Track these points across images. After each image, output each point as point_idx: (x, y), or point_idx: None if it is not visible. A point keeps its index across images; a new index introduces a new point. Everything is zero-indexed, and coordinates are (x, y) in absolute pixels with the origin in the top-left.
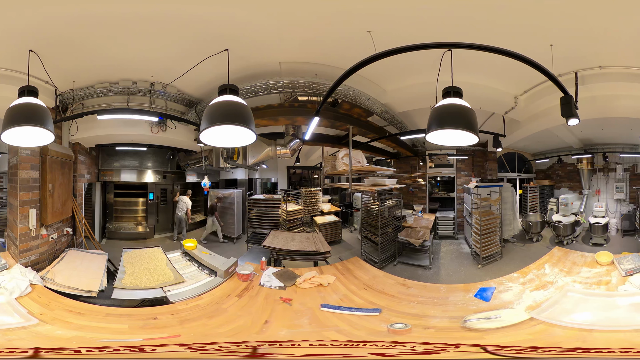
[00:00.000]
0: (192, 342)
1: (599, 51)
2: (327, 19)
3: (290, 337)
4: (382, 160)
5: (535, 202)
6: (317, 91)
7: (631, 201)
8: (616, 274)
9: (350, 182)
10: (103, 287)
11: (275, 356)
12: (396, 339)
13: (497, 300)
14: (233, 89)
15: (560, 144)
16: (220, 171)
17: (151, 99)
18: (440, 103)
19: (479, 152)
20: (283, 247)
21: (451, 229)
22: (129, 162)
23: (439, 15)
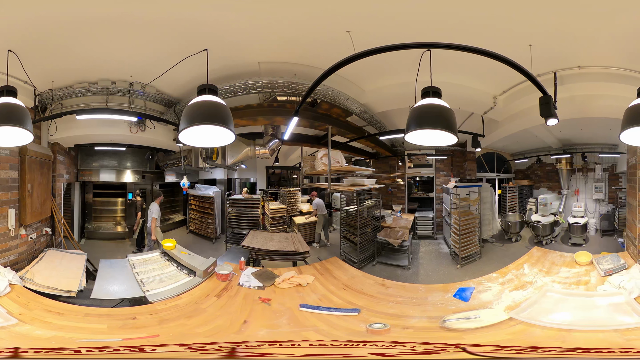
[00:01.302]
0: (172, 342)
1: (578, 51)
2: (306, 19)
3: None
4: (361, 160)
5: (514, 202)
6: (296, 91)
7: (610, 201)
8: (595, 274)
9: (330, 182)
10: (82, 287)
11: (275, 356)
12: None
13: (476, 300)
14: (212, 89)
15: (539, 144)
16: (199, 171)
17: (130, 99)
18: (419, 103)
19: (458, 152)
20: (262, 247)
21: (430, 229)
22: (107, 162)
23: (418, 16)
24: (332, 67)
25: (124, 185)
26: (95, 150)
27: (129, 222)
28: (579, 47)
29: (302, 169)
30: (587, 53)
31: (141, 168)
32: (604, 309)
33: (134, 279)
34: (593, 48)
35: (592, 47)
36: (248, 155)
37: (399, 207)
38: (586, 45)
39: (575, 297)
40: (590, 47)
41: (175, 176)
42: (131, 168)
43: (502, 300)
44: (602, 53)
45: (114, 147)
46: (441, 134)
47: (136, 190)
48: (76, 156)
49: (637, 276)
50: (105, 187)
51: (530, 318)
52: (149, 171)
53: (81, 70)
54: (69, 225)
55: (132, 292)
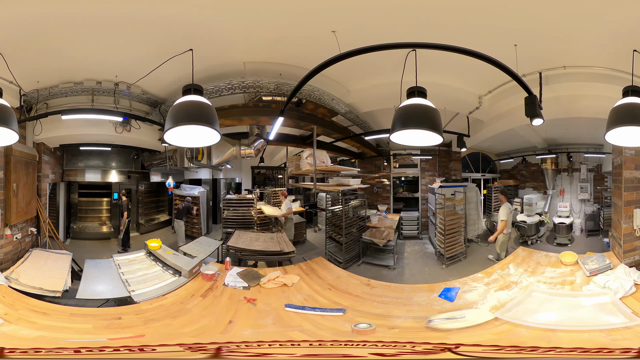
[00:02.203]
0: (156, 342)
1: (563, 51)
2: (292, 19)
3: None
4: (347, 160)
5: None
6: (282, 91)
7: (595, 201)
8: (580, 274)
9: (315, 182)
10: (67, 287)
11: (275, 356)
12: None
13: (461, 300)
14: (197, 89)
15: (524, 144)
16: (184, 171)
17: (115, 99)
18: (404, 103)
19: (444, 152)
20: (247, 247)
21: (415, 229)
22: (93, 162)
23: (403, 16)
24: (317, 67)
25: (109, 185)
26: (80, 150)
27: (114, 222)
28: (564, 47)
29: (287, 169)
30: (573, 53)
31: (126, 168)
32: (589, 308)
33: (119, 279)
34: (578, 48)
35: (578, 47)
36: (233, 155)
37: (384, 207)
38: (571, 46)
39: (560, 297)
40: (576, 47)
41: (161, 176)
42: (116, 168)
43: (488, 300)
44: (587, 53)
45: (99, 147)
46: (426, 134)
47: (122, 190)
48: (61, 156)
49: (623, 276)
50: (91, 187)
51: (516, 318)
52: (134, 171)
53: (66, 70)
54: (54, 225)
55: (118, 292)
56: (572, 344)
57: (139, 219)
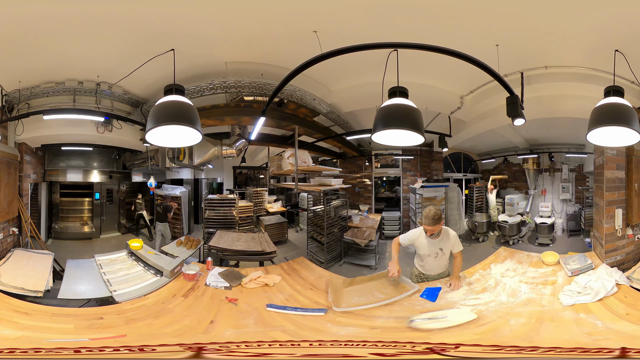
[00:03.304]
0: (137, 342)
1: (545, 51)
2: (273, 19)
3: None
4: (328, 160)
5: (481, 202)
6: (263, 91)
7: (577, 201)
8: (562, 274)
9: (296, 182)
10: (49, 287)
11: (275, 356)
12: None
13: (443, 300)
14: (179, 89)
15: (506, 144)
16: (166, 171)
17: (97, 99)
18: (386, 103)
19: (425, 152)
20: (229, 247)
21: (397, 229)
22: (74, 162)
23: (385, 15)
24: (299, 67)
25: (91, 185)
26: (62, 150)
27: (95, 223)
28: (546, 47)
29: (269, 169)
30: (554, 53)
31: (108, 168)
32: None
33: (100, 279)
34: (560, 48)
35: (559, 47)
36: (215, 155)
37: (365, 207)
38: (553, 46)
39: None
40: (557, 47)
41: (142, 176)
42: (98, 168)
43: (470, 300)
44: (569, 53)
45: (81, 147)
46: (408, 134)
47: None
48: (43, 156)
49: (604, 276)
50: (72, 187)
51: (498, 318)
52: (116, 171)
53: (48, 70)
54: (36, 225)
55: (99, 292)
56: (554, 344)
57: (121, 219)
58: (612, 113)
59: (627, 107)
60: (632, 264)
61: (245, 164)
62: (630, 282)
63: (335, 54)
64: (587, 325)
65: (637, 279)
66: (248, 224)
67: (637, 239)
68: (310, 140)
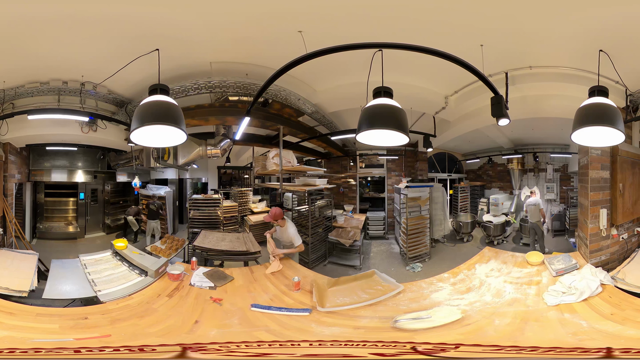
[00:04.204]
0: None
1: (529, 51)
2: (258, 19)
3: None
4: (313, 160)
5: (465, 202)
6: (248, 91)
7: (561, 201)
8: (547, 274)
9: (281, 182)
10: (34, 287)
11: (275, 356)
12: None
13: (427, 300)
14: (163, 89)
15: (490, 144)
16: (150, 171)
17: (82, 98)
18: (370, 103)
19: (410, 152)
20: (213, 247)
21: (382, 229)
22: (59, 162)
23: (370, 15)
24: (283, 67)
25: (76, 185)
26: (46, 150)
27: (80, 223)
28: (530, 47)
29: (253, 169)
30: (539, 53)
31: (93, 168)
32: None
33: (85, 279)
34: (544, 48)
35: (544, 47)
36: (199, 155)
37: (350, 207)
38: (537, 46)
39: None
40: (542, 47)
41: (127, 176)
42: (83, 168)
43: (454, 300)
44: (553, 53)
45: (65, 147)
46: (393, 134)
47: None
48: (28, 156)
49: (589, 276)
50: (57, 187)
51: (483, 318)
52: (101, 171)
53: (32, 70)
54: (20, 225)
55: (84, 292)
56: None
57: (105, 219)
58: (596, 113)
59: (611, 107)
60: (616, 264)
61: (229, 164)
62: (614, 282)
63: (320, 54)
64: (571, 325)
65: (621, 279)
66: (233, 224)
67: (621, 239)
68: (295, 140)
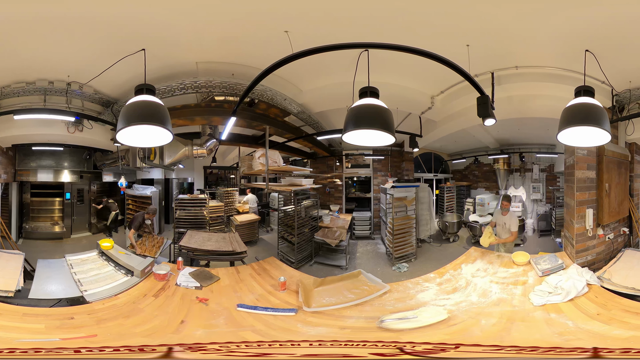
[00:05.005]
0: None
1: (515, 51)
2: (244, 18)
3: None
4: (299, 160)
5: (451, 202)
6: (234, 91)
7: (547, 201)
8: (533, 274)
9: (267, 182)
10: (20, 287)
11: (275, 356)
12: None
13: (414, 300)
14: (149, 89)
15: (476, 144)
16: (136, 171)
17: (68, 98)
18: (356, 103)
19: (396, 152)
20: (200, 247)
21: (368, 229)
22: (45, 162)
23: (356, 16)
24: (269, 67)
25: (62, 185)
26: (32, 150)
27: (66, 222)
28: (516, 47)
29: (239, 169)
30: (525, 53)
31: (79, 168)
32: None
33: (71, 279)
34: (530, 48)
35: (530, 47)
36: (186, 155)
37: (336, 207)
38: (523, 46)
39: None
40: (528, 47)
41: (113, 176)
42: (69, 168)
43: (440, 300)
44: (539, 53)
45: (51, 147)
46: (379, 134)
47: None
48: (14, 156)
49: (575, 276)
50: (43, 187)
51: (469, 318)
52: (87, 171)
53: (18, 70)
54: (6, 225)
55: (70, 292)
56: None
57: (91, 218)
58: (582, 113)
59: (597, 107)
60: (602, 264)
61: (216, 164)
62: (601, 282)
63: (307, 54)
64: (558, 325)
65: (607, 279)
66: (219, 224)
67: (607, 239)
68: (281, 140)
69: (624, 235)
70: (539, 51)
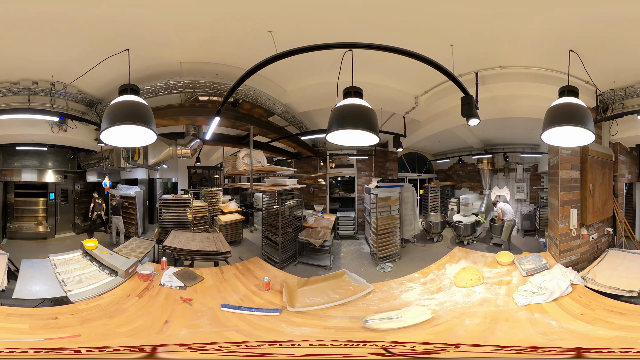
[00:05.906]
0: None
1: (499, 51)
2: (228, 18)
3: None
4: (283, 160)
5: (435, 202)
6: (218, 91)
7: (531, 201)
8: (517, 274)
9: (251, 182)
10: (3, 287)
11: (276, 356)
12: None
13: (398, 300)
14: (133, 89)
15: (461, 144)
16: (120, 171)
17: (52, 98)
18: (340, 103)
19: (380, 152)
20: (184, 247)
21: (352, 229)
22: (29, 162)
23: (340, 15)
24: (253, 67)
25: (46, 185)
26: (16, 150)
27: (50, 222)
28: (500, 47)
29: (223, 169)
30: (509, 53)
31: (63, 168)
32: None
33: (55, 279)
34: (514, 48)
35: (513, 47)
36: (169, 155)
37: (320, 207)
38: (507, 46)
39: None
40: (512, 47)
41: (97, 176)
42: (53, 168)
43: (424, 300)
44: (523, 53)
45: (35, 147)
46: (363, 134)
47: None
48: None
49: (559, 276)
50: (27, 187)
51: (453, 318)
52: (71, 171)
53: (2, 69)
54: None
55: (54, 292)
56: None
57: (75, 218)
58: (566, 113)
59: (581, 107)
60: (586, 264)
61: (200, 164)
62: (585, 282)
63: (291, 54)
64: (542, 325)
65: (591, 279)
66: (203, 224)
67: (591, 239)
68: (265, 140)
69: (608, 235)
70: (523, 51)
